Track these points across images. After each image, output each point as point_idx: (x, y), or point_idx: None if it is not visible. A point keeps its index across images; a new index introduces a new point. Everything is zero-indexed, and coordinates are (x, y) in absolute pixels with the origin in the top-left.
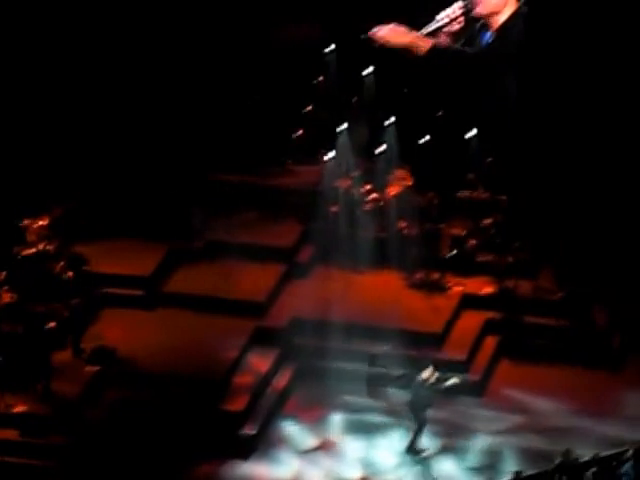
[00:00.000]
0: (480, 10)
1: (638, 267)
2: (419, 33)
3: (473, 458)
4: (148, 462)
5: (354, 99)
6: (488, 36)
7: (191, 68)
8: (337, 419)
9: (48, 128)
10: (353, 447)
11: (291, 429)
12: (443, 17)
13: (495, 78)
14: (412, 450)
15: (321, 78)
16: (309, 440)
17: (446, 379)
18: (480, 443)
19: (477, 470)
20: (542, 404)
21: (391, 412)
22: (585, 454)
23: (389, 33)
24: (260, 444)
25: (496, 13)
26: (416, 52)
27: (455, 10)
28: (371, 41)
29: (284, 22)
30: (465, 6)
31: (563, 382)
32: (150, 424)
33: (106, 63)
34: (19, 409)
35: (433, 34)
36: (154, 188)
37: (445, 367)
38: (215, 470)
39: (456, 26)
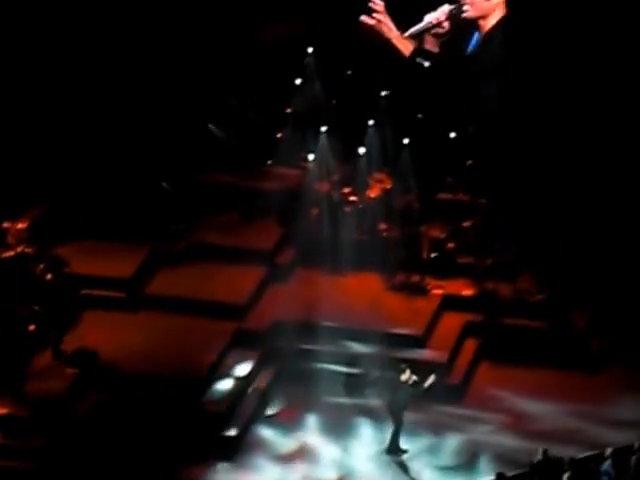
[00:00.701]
0: (471, 13)
1: (618, 269)
2: (404, 34)
3: (451, 459)
4: (129, 464)
5: (334, 101)
6: (474, 42)
7: (173, 69)
8: (316, 420)
9: (28, 129)
10: (331, 448)
11: (271, 431)
12: (431, 20)
13: (477, 83)
14: (391, 451)
15: (300, 80)
16: (288, 442)
17: (423, 381)
18: (459, 444)
19: (455, 470)
20: (522, 406)
21: (370, 413)
22: (564, 455)
23: (383, 26)
24: (240, 446)
25: (486, 17)
26: (401, 52)
27: (441, 14)
28: (360, 30)
29: (267, 22)
30: (451, 10)
31: (543, 384)
32: (131, 426)
33: (88, 66)
34: (1, 411)
35: (417, 36)
36: (135, 190)
37: (424, 369)
38: (197, 472)
39: (440, 30)
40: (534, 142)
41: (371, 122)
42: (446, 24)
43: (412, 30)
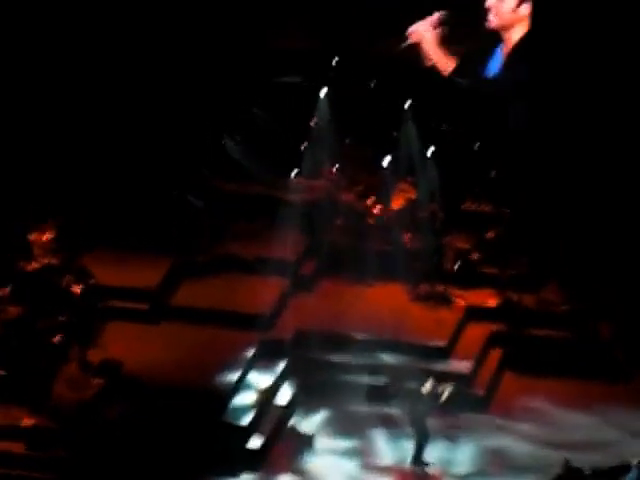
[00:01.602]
0: (494, 24)
1: None
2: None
3: (472, 468)
4: (153, 476)
5: (359, 112)
6: (494, 66)
7: (198, 80)
8: (340, 432)
9: (53, 140)
10: (354, 460)
11: (295, 442)
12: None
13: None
14: (417, 462)
15: (325, 90)
16: (312, 453)
17: (443, 391)
18: (481, 453)
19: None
20: (546, 416)
21: (393, 425)
22: (588, 465)
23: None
24: (265, 458)
25: (510, 29)
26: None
27: (426, 23)
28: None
29: (288, 32)
30: (440, 17)
31: (567, 394)
32: (154, 438)
33: (114, 76)
34: (25, 422)
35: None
36: (160, 201)
37: (447, 380)
38: None
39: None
40: (559, 152)
41: (395, 132)
42: (438, 31)
43: (404, 44)
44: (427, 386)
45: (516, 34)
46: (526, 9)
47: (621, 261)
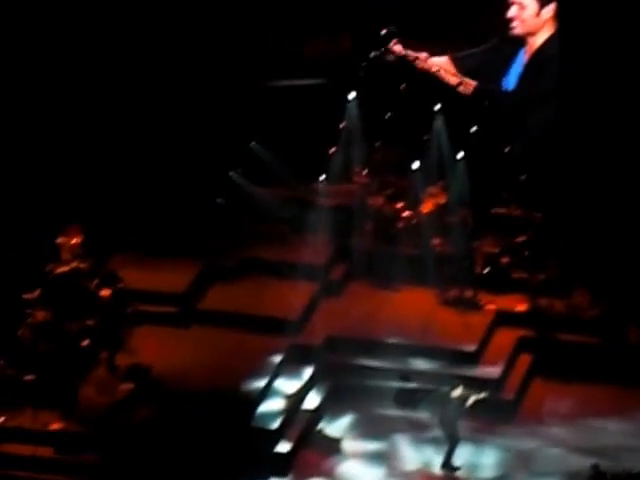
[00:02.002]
0: (519, 30)
1: None
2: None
3: (501, 472)
4: None
5: (387, 115)
6: (519, 62)
7: (227, 84)
8: (368, 437)
9: (83, 146)
10: (382, 465)
11: (323, 447)
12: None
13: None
14: (447, 467)
15: (354, 94)
16: (342, 458)
17: (471, 396)
18: (510, 458)
19: None
20: (575, 421)
21: (422, 430)
22: (617, 472)
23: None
24: (293, 463)
25: (535, 33)
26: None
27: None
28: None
29: (314, 37)
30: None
31: (597, 400)
32: (183, 442)
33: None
34: (54, 427)
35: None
36: (189, 205)
37: (477, 384)
38: None
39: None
40: (590, 156)
41: (425, 136)
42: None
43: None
44: (457, 391)
45: (540, 38)
46: (548, 12)
47: None
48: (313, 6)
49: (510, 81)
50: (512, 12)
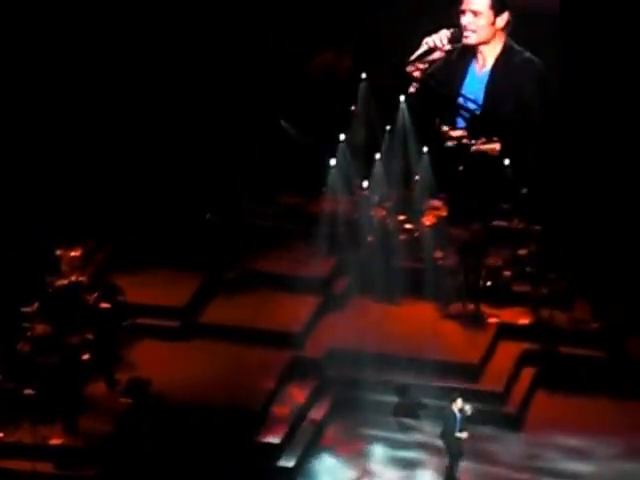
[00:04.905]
0: (472, 40)
1: None
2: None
3: None
4: None
5: (388, 128)
6: (472, 72)
7: (224, 99)
8: (373, 452)
9: (84, 160)
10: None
11: (328, 462)
12: (429, 43)
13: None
14: None
15: (354, 107)
16: (346, 473)
17: (471, 408)
18: (511, 471)
19: None
20: (578, 435)
21: (425, 445)
22: None
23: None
24: (298, 477)
25: (486, 43)
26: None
27: (442, 37)
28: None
29: (316, 49)
30: (452, 34)
31: (599, 413)
32: (186, 456)
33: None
34: (54, 441)
35: (420, 59)
36: (189, 218)
37: (479, 398)
38: None
39: (437, 54)
40: (591, 170)
41: (425, 149)
42: (447, 47)
43: (416, 54)
44: (457, 403)
45: (494, 48)
46: (502, 21)
47: None
48: (318, 23)
49: (469, 91)
50: (466, 21)
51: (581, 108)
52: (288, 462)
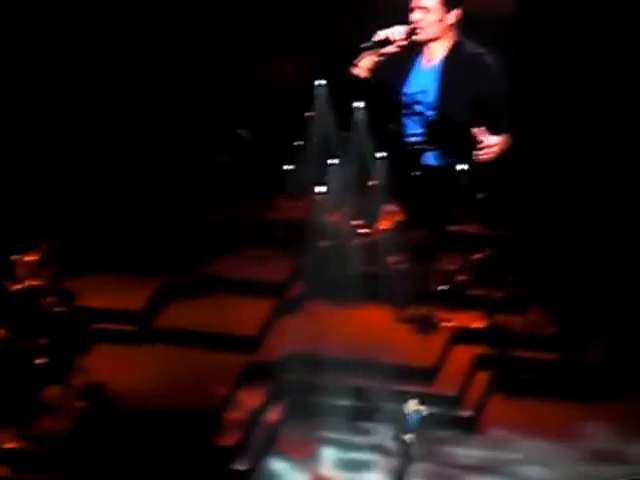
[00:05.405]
0: (422, 37)
1: (633, 299)
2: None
3: None
4: None
5: (344, 133)
6: (417, 72)
7: (182, 104)
8: (326, 455)
9: (37, 162)
10: None
11: (281, 465)
12: (381, 35)
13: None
14: None
15: (311, 113)
16: (298, 476)
17: (423, 410)
18: (467, 477)
19: None
20: (533, 440)
21: (379, 448)
22: None
23: None
24: None
25: (435, 40)
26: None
27: (394, 32)
28: None
29: (273, 54)
30: (406, 31)
31: (554, 417)
32: (140, 460)
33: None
34: (9, 445)
35: (370, 48)
36: (146, 222)
37: (435, 402)
38: None
39: (390, 49)
40: (547, 174)
41: (381, 153)
42: (400, 43)
43: (366, 43)
44: (411, 404)
45: (443, 45)
46: (453, 17)
47: (610, 281)
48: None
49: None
50: (415, 17)
51: (536, 110)
52: (241, 465)
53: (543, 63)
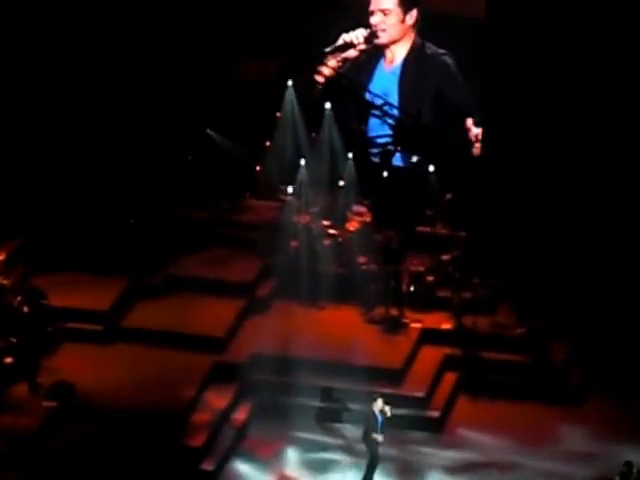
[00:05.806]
0: (384, 39)
1: (598, 302)
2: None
3: None
4: None
5: (313, 134)
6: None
7: (152, 105)
8: (293, 455)
9: (5, 161)
10: None
11: (248, 465)
12: (346, 38)
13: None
14: None
15: (280, 114)
16: (264, 475)
17: (391, 409)
18: (433, 477)
19: None
20: (500, 441)
21: (346, 448)
22: None
23: None
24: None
25: (397, 41)
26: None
27: (358, 35)
28: None
29: (245, 55)
30: (368, 34)
31: (522, 419)
32: (108, 460)
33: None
34: None
35: (334, 52)
36: (114, 222)
37: (403, 403)
38: None
39: (352, 52)
40: (515, 175)
41: (350, 154)
42: (362, 47)
43: (331, 47)
44: (378, 404)
45: (403, 46)
46: (411, 19)
47: (577, 284)
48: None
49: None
50: (376, 20)
51: (505, 113)
52: (209, 466)
53: (511, 65)
